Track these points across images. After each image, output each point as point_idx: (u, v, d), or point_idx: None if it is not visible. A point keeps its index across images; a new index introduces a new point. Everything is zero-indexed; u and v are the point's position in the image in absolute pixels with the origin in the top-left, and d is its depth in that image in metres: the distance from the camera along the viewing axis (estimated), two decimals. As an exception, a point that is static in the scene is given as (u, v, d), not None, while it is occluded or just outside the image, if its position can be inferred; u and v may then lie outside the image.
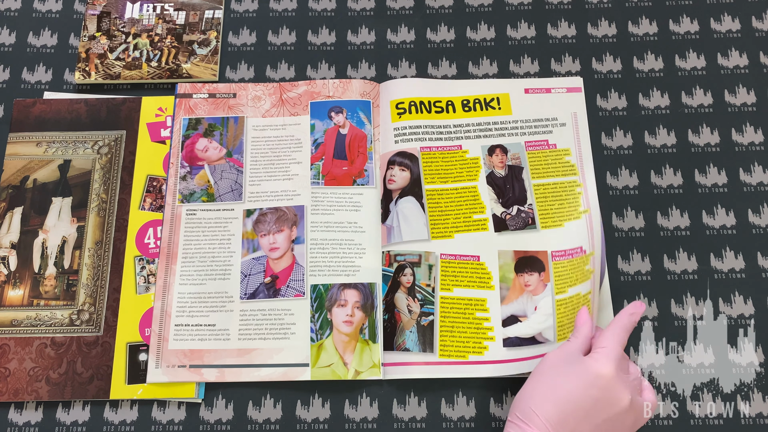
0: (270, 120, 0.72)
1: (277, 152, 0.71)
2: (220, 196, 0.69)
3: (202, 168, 0.70)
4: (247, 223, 0.68)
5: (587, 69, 0.76)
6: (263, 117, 0.72)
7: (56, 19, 0.79)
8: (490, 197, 0.68)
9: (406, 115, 0.72)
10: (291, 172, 0.70)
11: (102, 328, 0.65)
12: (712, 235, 0.69)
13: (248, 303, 0.66)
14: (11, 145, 0.71)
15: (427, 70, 0.76)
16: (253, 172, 0.70)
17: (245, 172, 0.70)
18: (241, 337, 0.64)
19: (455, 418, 0.63)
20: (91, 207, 0.69)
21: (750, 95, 0.74)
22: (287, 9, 0.79)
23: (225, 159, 0.70)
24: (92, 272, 0.67)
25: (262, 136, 0.72)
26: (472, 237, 0.67)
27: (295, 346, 0.64)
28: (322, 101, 0.73)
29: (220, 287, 0.66)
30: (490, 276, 0.66)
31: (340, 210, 0.68)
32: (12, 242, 0.68)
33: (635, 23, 0.78)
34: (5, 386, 0.63)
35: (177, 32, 0.77)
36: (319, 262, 0.66)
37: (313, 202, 0.69)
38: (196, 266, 0.67)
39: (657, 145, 0.72)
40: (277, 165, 0.70)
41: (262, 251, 0.67)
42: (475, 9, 0.79)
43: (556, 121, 0.72)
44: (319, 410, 0.63)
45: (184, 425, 0.63)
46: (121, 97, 0.74)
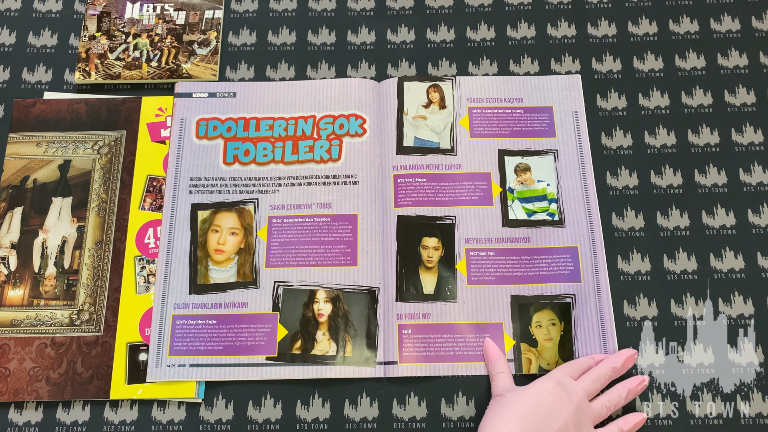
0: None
1: None
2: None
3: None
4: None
5: (587, 69, 0.76)
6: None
7: (56, 19, 0.79)
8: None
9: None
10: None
11: (102, 328, 0.65)
12: (712, 235, 0.69)
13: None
14: (11, 145, 0.71)
15: (427, 70, 0.76)
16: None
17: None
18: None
19: (455, 418, 0.63)
20: (91, 207, 0.69)
21: (750, 95, 0.74)
22: (287, 9, 0.79)
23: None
24: (92, 272, 0.67)
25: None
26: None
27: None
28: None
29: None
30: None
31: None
32: (12, 242, 0.68)
33: (635, 23, 0.78)
34: (5, 386, 0.63)
35: (177, 32, 0.77)
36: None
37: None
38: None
39: (657, 145, 0.72)
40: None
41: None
42: (475, 9, 0.79)
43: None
44: (319, 410, 0.63)
45: (184, 425, 0.63)
46: (121, 97, 0.74)
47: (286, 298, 0.66)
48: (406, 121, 0.72)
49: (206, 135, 0.72)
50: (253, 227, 0.69)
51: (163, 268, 0.67)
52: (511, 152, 0.71)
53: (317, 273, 0.67)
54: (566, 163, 0.70)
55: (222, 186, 0.70)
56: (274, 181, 0.70)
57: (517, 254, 0.67)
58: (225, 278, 0.67)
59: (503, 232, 0.68)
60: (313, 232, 0.68)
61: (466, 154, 0.71)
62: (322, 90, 0.74)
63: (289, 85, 0.75)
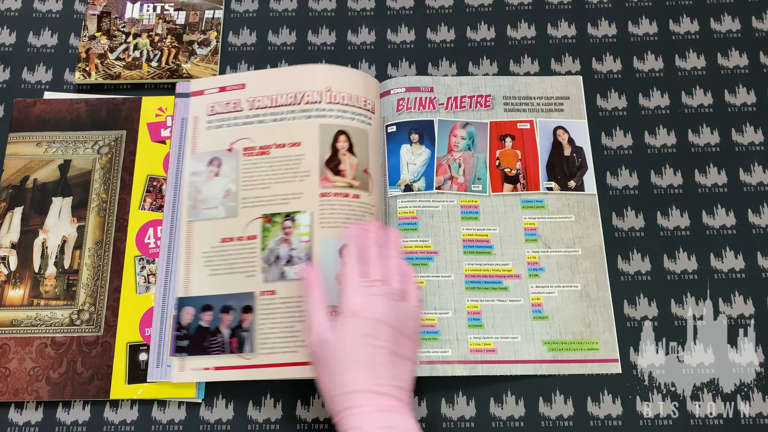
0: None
1: None
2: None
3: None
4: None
5: (587, 69, 0.76)
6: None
7: (56, 19, 0.79)
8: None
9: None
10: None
11: (102, 327, 0.65)
12: (712, 235, 0.69)
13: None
14: (11, 145, 0.71)
15: (427, 70, 0.76)
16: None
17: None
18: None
19: (455, 417, 0.63)
20: (91, 207, 0.69)
21: (750, 95, 0.74)
22: (287, 9, 0.79)
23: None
24: (92, 272, 0.67)
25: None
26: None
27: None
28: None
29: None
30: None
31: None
32: (12, 242, 0.68)
33: (635, 23, 0.78)
34: (5, 386, 0.63)
35: (177, 32, 0.77)
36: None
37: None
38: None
39: (657, 145, 0.72)
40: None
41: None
42: (475, 9, 0.79)
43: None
44: (320, 410, 0.63)
45: (184, 425, 0.63)
46: (121, 97, 0.74)
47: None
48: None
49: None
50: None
51: (163, 268, 0.67)
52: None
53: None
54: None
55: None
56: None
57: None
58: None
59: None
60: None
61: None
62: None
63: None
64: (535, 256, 0.67)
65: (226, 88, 0.71)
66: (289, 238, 0.64)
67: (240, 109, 0.70)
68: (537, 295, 0.66)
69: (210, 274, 0.65)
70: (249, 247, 0.65)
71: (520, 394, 0.63)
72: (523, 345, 0.64)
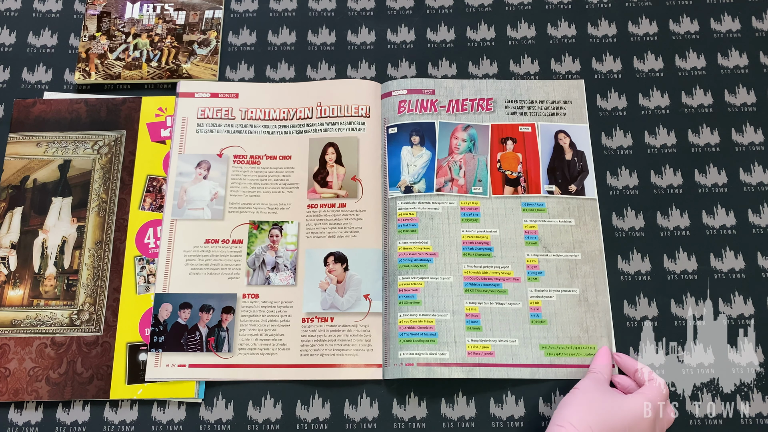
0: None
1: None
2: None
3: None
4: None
5: (587, 69, 0.76)
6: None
7: (56, 19, 0.79)
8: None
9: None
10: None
11: (102, 328, 0.65)
12: (712, 235, 0.69)
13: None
14: (11, 145, 0.71)
15: (427, 70, 0.76)
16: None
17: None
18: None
19: (455, 418, 0.63)
20: (91, 207, 0.69)
21: (750, 95, 0.74)
22: (287, 9, 0.79)
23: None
24: (92, 272, 0.67)
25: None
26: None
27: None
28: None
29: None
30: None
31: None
32: (12, 242, 0.68)
33: (635, 23, 0.78)
34: (5, 386, 0.63)
35: (177, 32, 0.77)
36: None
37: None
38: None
39: (657, 145, 0.72)
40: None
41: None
42: (475, 9, 0.79)
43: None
44: (319, 410, 0.63)
45: (184, 425, 0.63)
46: (121, 97, 0.74)
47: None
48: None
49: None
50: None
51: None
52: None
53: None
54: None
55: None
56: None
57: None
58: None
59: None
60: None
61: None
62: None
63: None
64: (534, 260, 0.67)
65: (219, 94, 0.73)
66: (275, 246, 0.67)
67: (233, 117, 0.72)
68: (536, 298, 0.66)
69: (191, 272, 0.66)
70: (234, 251, 0.67)
71: (519, 395, 0.63)
72: (521, 349, 0.64)
